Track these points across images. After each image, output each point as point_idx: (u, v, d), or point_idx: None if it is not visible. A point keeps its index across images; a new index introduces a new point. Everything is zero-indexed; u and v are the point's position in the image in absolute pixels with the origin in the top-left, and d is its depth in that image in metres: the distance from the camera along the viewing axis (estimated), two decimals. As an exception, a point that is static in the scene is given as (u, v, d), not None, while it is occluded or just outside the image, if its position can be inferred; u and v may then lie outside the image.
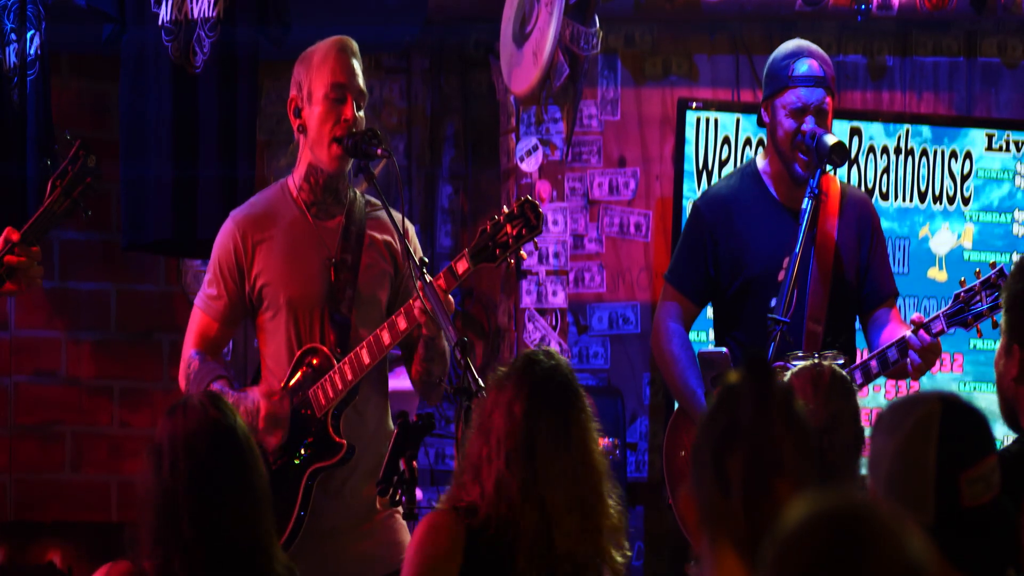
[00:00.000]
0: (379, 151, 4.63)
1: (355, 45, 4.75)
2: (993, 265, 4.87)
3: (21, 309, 6.20)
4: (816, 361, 3.94)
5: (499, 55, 5.71)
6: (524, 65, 5.46)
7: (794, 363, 4.00)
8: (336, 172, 4.69)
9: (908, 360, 4.81)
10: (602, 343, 6.51)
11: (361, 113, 4.70)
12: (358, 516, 4.64)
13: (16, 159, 5.49)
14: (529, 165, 6.10)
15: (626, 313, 6.51)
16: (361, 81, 4.71)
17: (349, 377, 4.56)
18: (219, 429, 3.34)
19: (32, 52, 5.54)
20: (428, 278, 4.46)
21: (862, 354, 5.14)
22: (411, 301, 4.52)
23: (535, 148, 6.10)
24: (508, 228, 4.50)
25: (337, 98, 4.65)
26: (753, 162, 5.22)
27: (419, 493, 4.24)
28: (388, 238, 4.76)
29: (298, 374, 4.65)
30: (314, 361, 4.65)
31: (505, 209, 4.54)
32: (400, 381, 5.90)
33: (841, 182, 5.23)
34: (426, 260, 4.55)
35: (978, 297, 4.83)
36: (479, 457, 3.68)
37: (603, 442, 6.11)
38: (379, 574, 4.58)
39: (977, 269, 4.90)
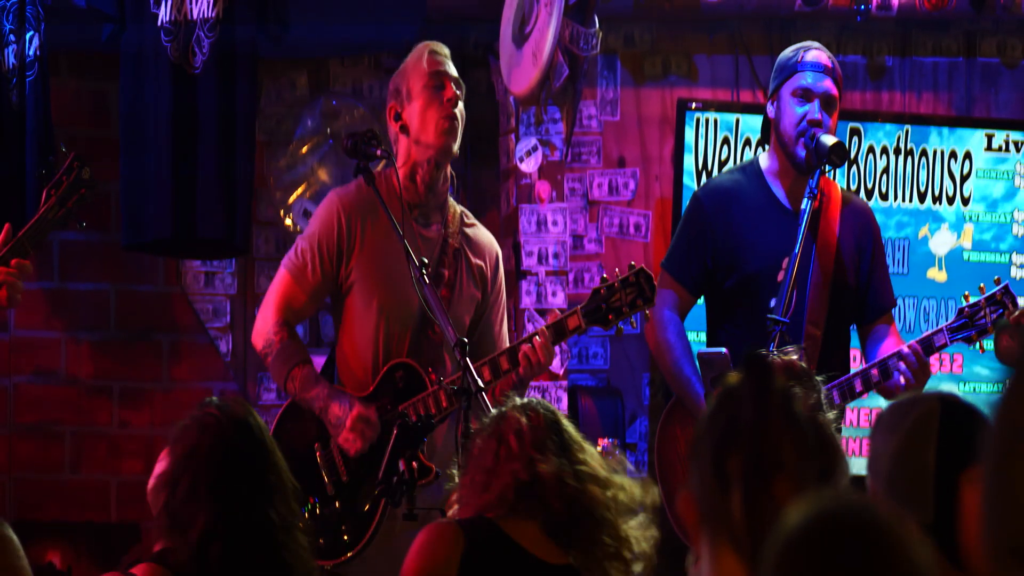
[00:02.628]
0: (378, 151, 4.67)
1: (446, 49, 4.88)
2: (998, 281, 4.86)
3: (20, 309, 6.19)
4: (779, 353, 3.98)
5: (498, 55, 5.71)
6: (524, 65, 5.46)
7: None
8: (444, 147, 4.74)
9: (901, 374, 4.80)
10: (601, 344, 6.51)
11: (462, 105, 4.77)
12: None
13: (15, 160, 5.49)
14: (529, 165, 6.10)
15: (625, 313, 6.51)
16: (456, 74, 4.81)
17: (444, 404, 4.61)
18: (235, 440, 3.36)
19: (31, 53, 5.54)
20: (427, 279, 4.50)
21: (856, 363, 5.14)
22: (520, 344, 4.57)
23: (535, 148, 6.10)
24: (622, 295, 4.57)
25: (436, 85, 4.74)
26: (756, 160, 5.21)
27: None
28: (480, 263, 4.79)
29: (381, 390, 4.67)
30: (402, 377, 4.67)
31: (619, 273, 4.61)
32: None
33: (843, 189, 5.23)
34: (426, 260, 4.58)
35: (982, 313, 4.81)
36: (487, 469, 3.67)
37: (603, 442, 6.14)
38: None
39: (981, 284, 4.88)
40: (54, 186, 4.68)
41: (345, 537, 4.65)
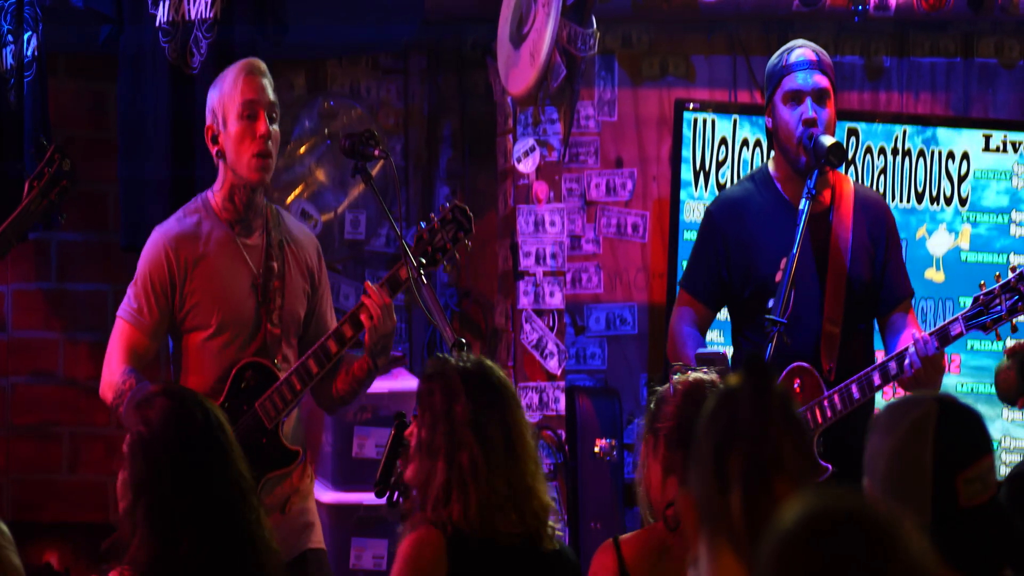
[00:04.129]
0: (376, 152, 4.69)
1: (263, 65, 4.87)
2: (1014, 269, 4.83)
3: (18, 309, 6.20)
4: (699, 375, 3.97)
5: (496, 55, 5.72)
6: (521, 66, 5.46)
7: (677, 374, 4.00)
8: (259, 182, 4.80)
9: (910, 361, 4.78)
10: (599, 344, 6.51)
11: (275, 127, 4.78)
12: (273, 508, 4.77)
13: (13, 161, 5.50)
14: (526, 166, 6.11)
15: (623, 314, 6.51)
16: (272, 95, 4.81)
17: (298, 387, 4.73)
18: (197, 438, 3.39)
19: (29, 53, 5.54)
20: (424, 279, 4.53)
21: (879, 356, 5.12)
22: (356, 310, 4.66)
23: (532, 149, 6.10)
24: (443, 234, 4.72)
25: (250, 115, 4.75)
26: (765, 166, 5.20)
27: None
28: (305, 257, 4.87)
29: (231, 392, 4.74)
30: (252, 376, 4.73)
31: (435, 215, 4.73)
32: (397, 382, 5.91)
33: (854, 182, 5.21)
34: (423, 260, 4.60)
35: (997, 300, 4.78)
36: (441, 475, 3.69)
37: (601, 442, 6.14)
38: (289, 556, 4.72)
39: (996, 273, 4.86)
40: (36, 177, 4.73)
41: None
